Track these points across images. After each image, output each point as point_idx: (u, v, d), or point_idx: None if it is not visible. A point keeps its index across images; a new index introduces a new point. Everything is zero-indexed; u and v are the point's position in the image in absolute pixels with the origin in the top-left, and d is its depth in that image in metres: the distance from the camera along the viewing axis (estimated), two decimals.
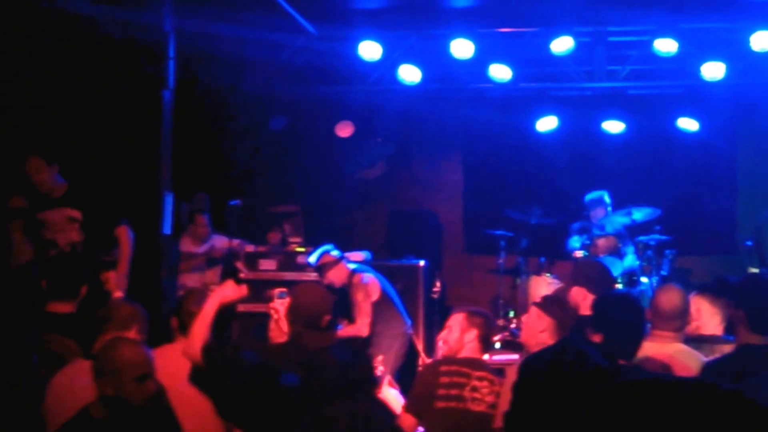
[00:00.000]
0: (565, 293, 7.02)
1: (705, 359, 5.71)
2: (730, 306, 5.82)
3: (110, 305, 6.78)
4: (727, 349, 5.81)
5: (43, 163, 8.92)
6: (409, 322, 9.66)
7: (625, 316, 5.20)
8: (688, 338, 6.11)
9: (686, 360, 5.74)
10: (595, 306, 5.47)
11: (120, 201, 9.42)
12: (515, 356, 9.72)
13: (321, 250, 9.61)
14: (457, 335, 6.78)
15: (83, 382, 5.17)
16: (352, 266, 9.60)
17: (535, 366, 4.75)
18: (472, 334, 6.75)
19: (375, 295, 9.38)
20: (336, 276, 9.49)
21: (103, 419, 4.92)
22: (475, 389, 6.42)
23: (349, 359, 5.88)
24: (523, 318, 6.82)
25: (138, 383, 4.93)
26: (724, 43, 11.29)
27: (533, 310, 6.60)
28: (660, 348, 5.79)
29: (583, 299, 6.60)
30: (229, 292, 5.96)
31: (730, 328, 6.32)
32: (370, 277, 9.49)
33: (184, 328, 6.07)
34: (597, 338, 5.13)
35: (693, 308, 6.39)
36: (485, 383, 6.45)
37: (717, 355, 5.78)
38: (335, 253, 9.65)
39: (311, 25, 11.43)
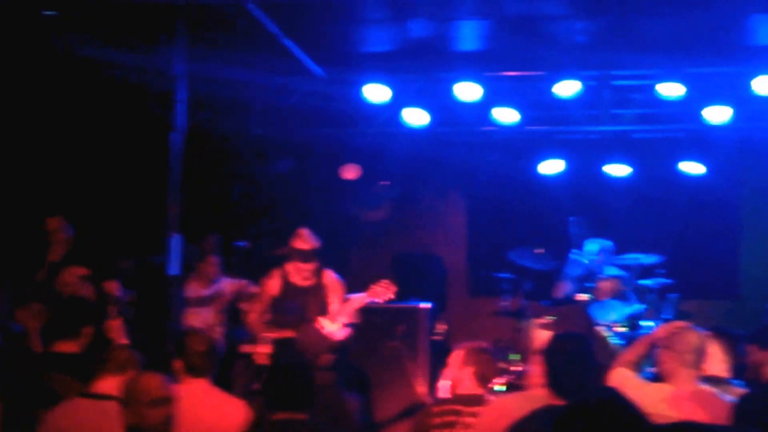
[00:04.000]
0: None
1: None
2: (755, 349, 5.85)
3: (110, 349, 6.83)
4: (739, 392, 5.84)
5: (65, 222, 9.05)
6: None
7: (565, 355, 5.32)
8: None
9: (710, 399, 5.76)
10: (545, 348, 5.57)
11: (127, 244, 9.48)
12: None
13: None
14: (455, 372, 6.81)
15: (77, 420, 5.32)
16: None
17: None
18: (469, 371, 6.77)
19: None
20: None
21: None
22: (467, 426, 6.43)
23: None
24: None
25: (154, 407, 5.12)
26: (728, 87, 11.34)
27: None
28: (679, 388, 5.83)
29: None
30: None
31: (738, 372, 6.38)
32: None
33: (193, 369, 6.15)
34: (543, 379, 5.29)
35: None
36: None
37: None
38: None
39: (319, 68, 11.50)
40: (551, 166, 12.37)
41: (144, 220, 10.21)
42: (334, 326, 9.31)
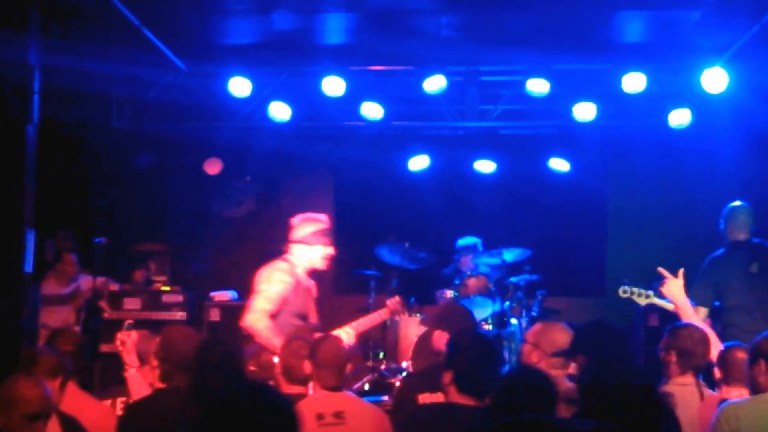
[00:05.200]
0: (428, 337, 6.95)
1: None
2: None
3: (34, 353, 6.50)
4: None
5: None
6: None
7: (473, 354, 5.25)
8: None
9: None
10: (449, 345, 5.52)
11: None
12: (385, 398, 9.57)
13: None
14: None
15: None
16: None
17: None
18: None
19: None
20: None
21: None
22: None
23: None
24: None
25: (29, 422, 4.79)
26: (596, 85, 11.37)
27: None
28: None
29: (445, 343, 6.50)
30: None
31: None
32: None
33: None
34: (448, 376, 5.20)
35: None
36: None
37: None
38: None
39: (180, 61, 11.18)
40: (419, 162, 12.27)
41: None
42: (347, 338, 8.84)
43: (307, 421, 5.64)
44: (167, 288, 11.15)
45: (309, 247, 9.01)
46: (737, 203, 8.90)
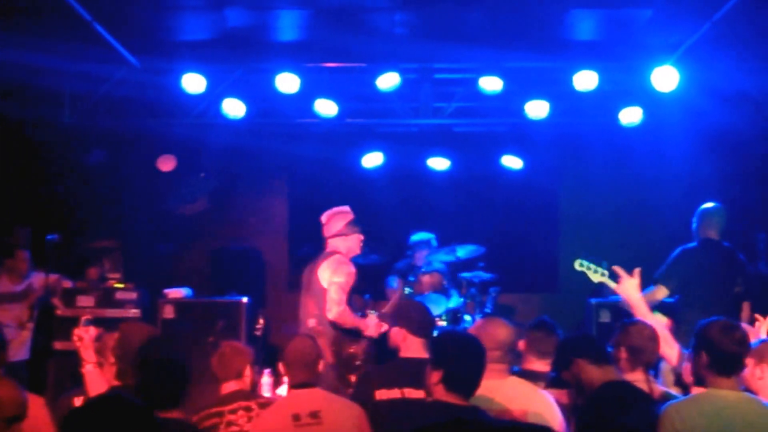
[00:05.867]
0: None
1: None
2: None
3: None
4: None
5: None
6: None
7: (464, 353, 5.20)
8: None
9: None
10: (434, 343, 5.44)
11: None
12: None
13: None
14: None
15: None
16: None
17: None
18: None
19: None
20: None
21: None
22: (230, 423, 6.37)
23: None
24: None
25: (6, 425, 4.73)
26: (548, 82, 11.43)
27: None
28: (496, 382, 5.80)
29: (402, 340, 6.52)
30: None
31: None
32: None
33: None
34: (436, 376, 5.12)
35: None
36: (240, 413, 6.41)
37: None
38: None
39: (133, 57, 11.11)
40: (373, 159, 12.29)
41: None
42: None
43: (284, 423, 5.66)
44: (121, 285, 11.09)
45: (347, 238, 9.35)
46: (711, 204, 9.09)
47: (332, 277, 8.82)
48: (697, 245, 8.88)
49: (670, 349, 6.68)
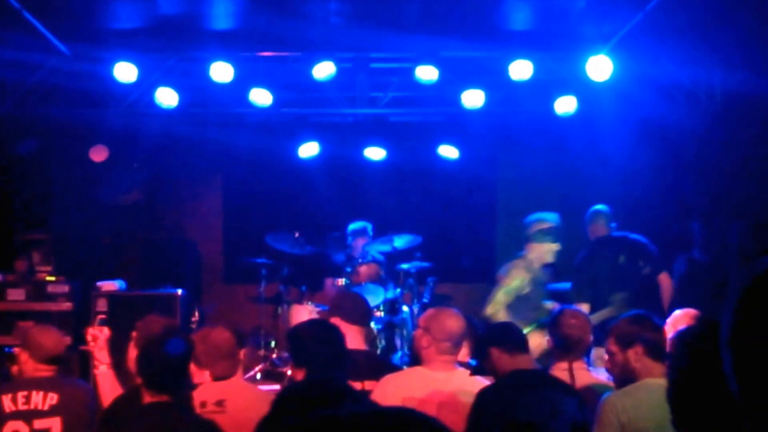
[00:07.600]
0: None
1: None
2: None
3: None
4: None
5: None
6: None
7: (321, 347, 5.22)
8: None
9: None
10: (290, 338, 5.46)
11: None
12: (276, 386, 9.54)
13: None
14: None
15: None
16: None
17: None
18: None
19: None
20: None
21: None
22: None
23: None
24: None
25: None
26: (484, 72, 11.43)
27: None
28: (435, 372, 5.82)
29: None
30: None
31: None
32: None
33: None
34: (300, 374, 5.16)
35: None
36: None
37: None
38: None
39: (64, 45, 10.93)
40: (308, 149, 12.21)
41: None
42: None
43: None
44: (52, 278, 10.94)
45: (539, 245, 9.66)
46: (596, 207, 9.89)
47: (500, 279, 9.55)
48: (589, 250, 9.66)
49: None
